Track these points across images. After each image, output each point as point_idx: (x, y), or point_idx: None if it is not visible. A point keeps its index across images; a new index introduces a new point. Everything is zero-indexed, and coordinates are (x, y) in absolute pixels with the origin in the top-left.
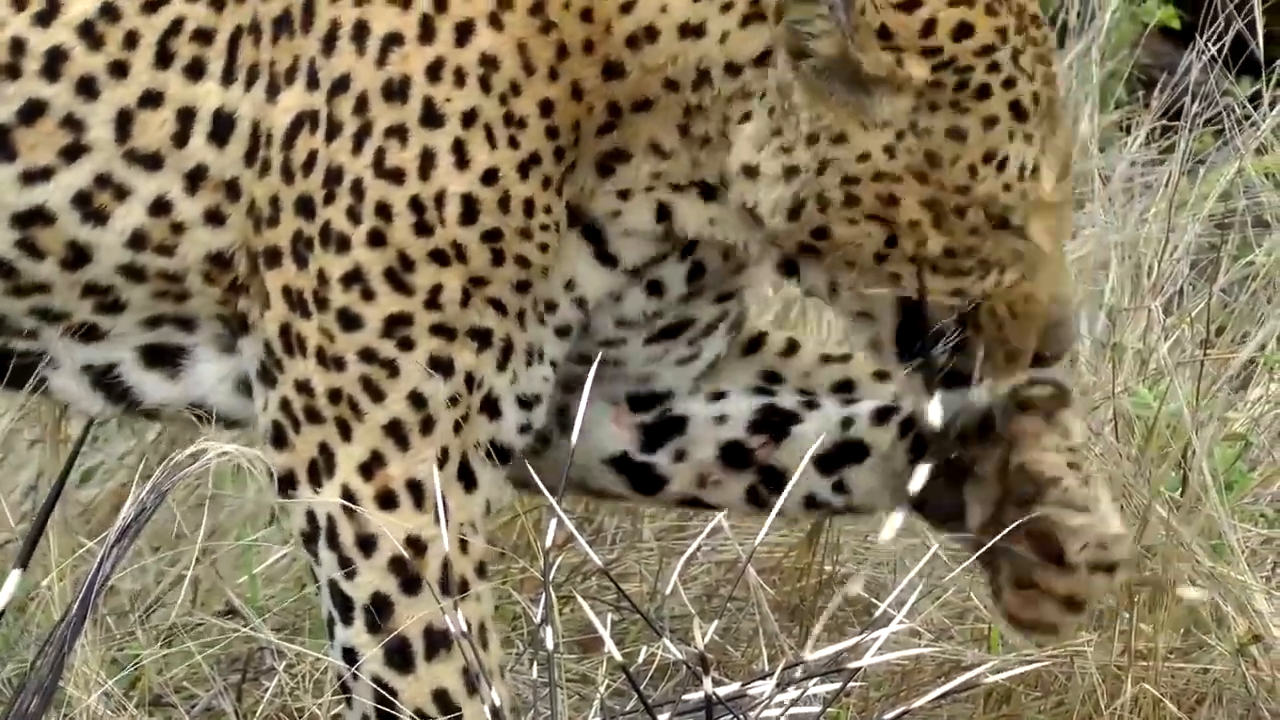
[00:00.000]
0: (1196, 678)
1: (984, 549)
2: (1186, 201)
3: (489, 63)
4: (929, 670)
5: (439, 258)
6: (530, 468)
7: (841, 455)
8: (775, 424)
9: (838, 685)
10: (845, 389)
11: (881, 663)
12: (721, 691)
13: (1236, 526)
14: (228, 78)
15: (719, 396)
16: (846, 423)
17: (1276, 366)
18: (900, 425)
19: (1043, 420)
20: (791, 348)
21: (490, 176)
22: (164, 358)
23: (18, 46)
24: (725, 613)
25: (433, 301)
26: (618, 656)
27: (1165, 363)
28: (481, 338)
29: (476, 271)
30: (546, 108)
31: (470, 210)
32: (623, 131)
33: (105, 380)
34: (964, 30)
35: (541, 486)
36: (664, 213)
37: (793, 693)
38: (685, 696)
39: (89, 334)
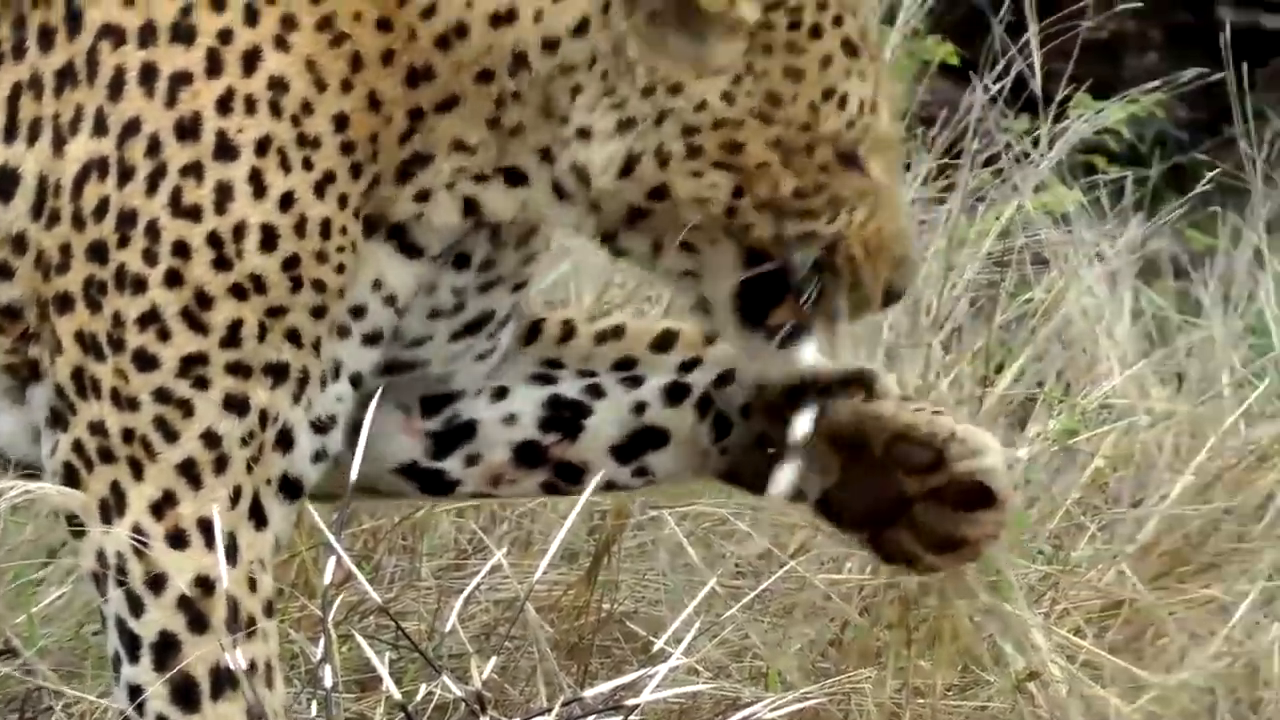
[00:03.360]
0: (975, 714)
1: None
2: (966, 239)
3: (278, 85)
4: (707, 708)
5: (238, 292)
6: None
7: (639, 442)
8: (566, 420)
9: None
10: (625, 366)
11: (659, 700)
12: None
13: (1014, 563)
14: (9, 135)
15: (502, 394)
16: (639, 408)
17: (1055, 404)
18: (697, 405)
19: (864, 397)
20: (568, 332)
21: (286, 201)
22: None
23: None
24: (504, 651)
25: (229, 339)
26: (396, 695)
27: (944, 400)
28: (277, 372)
29: (275, 301)
30: (341, 123)
31: (269, 238)
32: (424, 136)
33: None
34: None
35: (323, 525)
36: (470, 207)
37: None
38: None
39: None
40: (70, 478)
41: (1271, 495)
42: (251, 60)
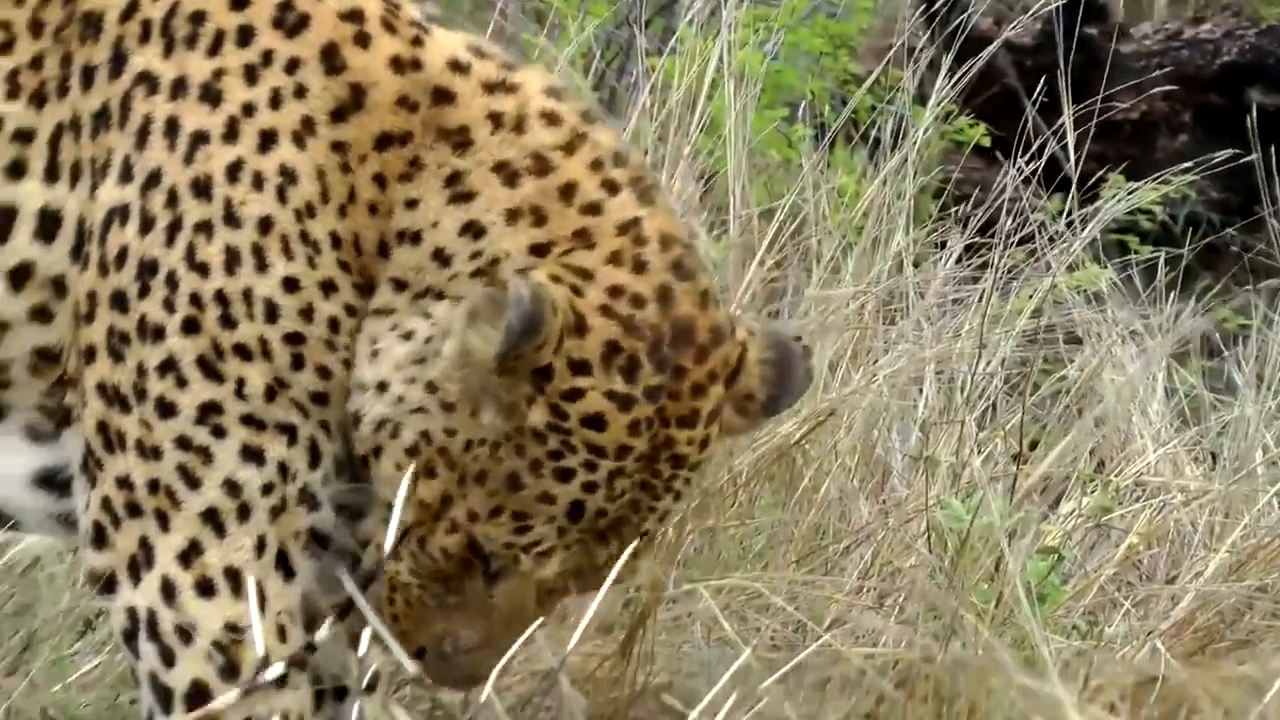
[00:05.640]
0: None
1: None
2: (999, 317)
3: (287, 175)
4: None
5: (242, 352)
6: (352, 585)
7: None
8: None
9: None
10: None
11: None
12: None
13: (1049, 639)
14: (52, 176)
15: None
16: None
17: (1088, 481)
18: None
19: None
20: None
21: (291, 285)
22: None
23: None
24: None
25: (240, 392)
26: None
27: (978, 476)
28: (290, 433)
29: (279, 371)
30: (335, 240)
31: (272, 312)
32: (354, 326)
33: None
34: (595, 421)
35: (358, 596)
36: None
37: None
38: None
39: None
40: (99, 537)
41: None
42: (268, 140)
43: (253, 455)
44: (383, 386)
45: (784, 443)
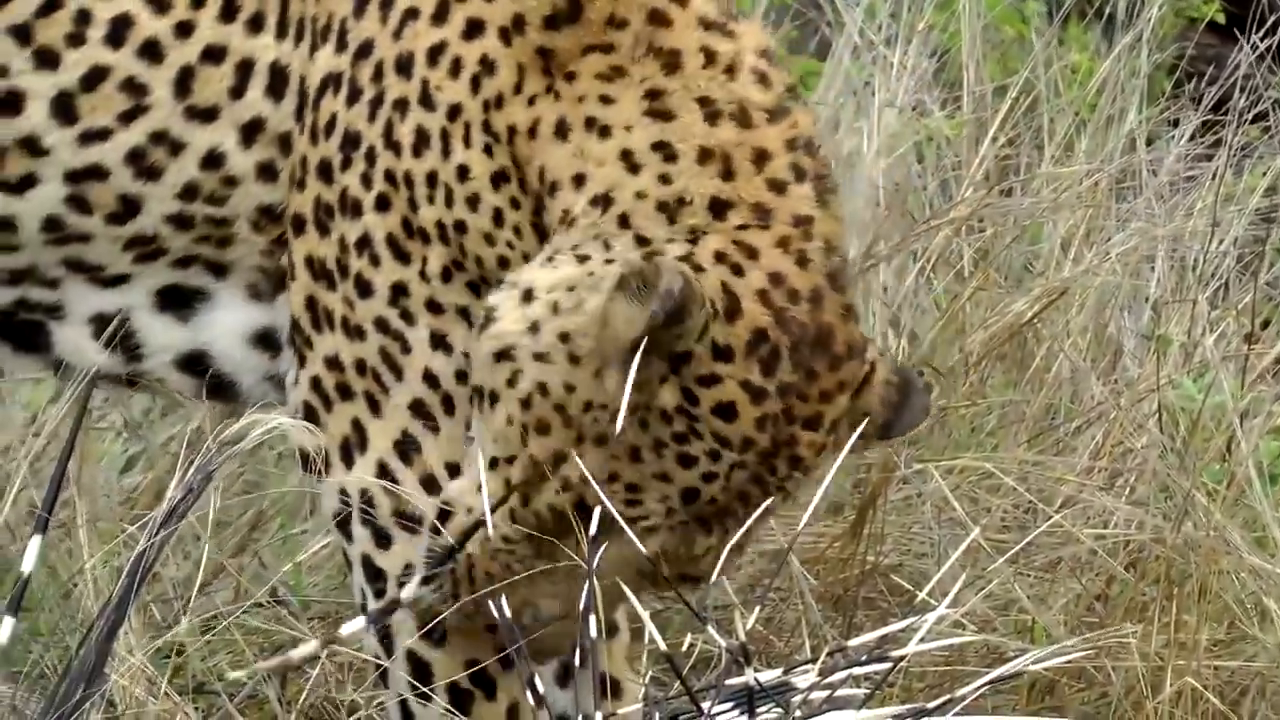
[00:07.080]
0: (1239, 671)
1: None
2: (1232, 195)
3: (486, 65)
4: (972, 661)
5: (423, 235)
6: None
7: None
8: None
9: (881, 671)
10: None
11: (924, 652)
12: (764, 679)
13: None
14: (281, 31)
15: None
16: None
17: None
18: None
19: None
20: None
21: (463, 172)
22: (179, 300)
23: (83, 16)
24: (769, 602)
25: (423, 273)
26: (662, 646)
27: (1210, 355)
28: (465, 316)
29: (451, 257)
30: (512, 133)
31: (449, 198)
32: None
33: (112, 329)
34: (726, 411)
35: (590, 477)
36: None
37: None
38: (728, 682)
39: (113, 282)
40: (309, 417)
41: None
42: (474, 29)
43: (440, 343)
44: (529, 295)
45: (1015, 322)
